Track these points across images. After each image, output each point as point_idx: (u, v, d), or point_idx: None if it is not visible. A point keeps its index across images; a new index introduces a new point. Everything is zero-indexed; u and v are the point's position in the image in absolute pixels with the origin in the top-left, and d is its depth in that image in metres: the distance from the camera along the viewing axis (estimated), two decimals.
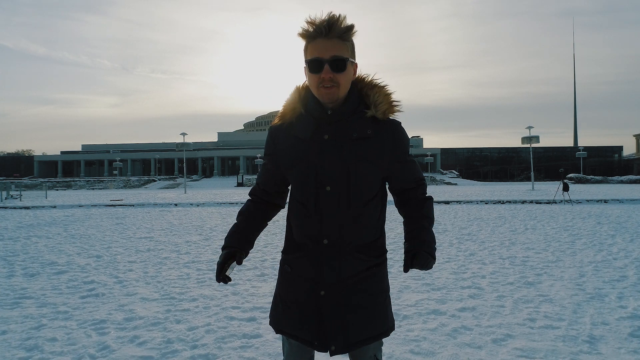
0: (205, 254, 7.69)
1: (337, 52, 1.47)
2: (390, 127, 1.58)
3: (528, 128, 35.37)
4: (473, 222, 12.55)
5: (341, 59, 1.47)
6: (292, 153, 1.59)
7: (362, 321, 1.58)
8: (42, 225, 13.07)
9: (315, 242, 1.56)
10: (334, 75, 1.47)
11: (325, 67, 1.46)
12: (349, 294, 1.57)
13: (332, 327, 1.56)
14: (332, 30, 1.46)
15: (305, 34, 1.50)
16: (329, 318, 1.56)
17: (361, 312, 1.58)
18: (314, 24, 1.47)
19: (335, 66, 1.46)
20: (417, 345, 3.45)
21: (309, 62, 1.48)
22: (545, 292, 4.94)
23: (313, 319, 1.57)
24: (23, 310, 4.46)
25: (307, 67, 1.50)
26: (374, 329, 1.59)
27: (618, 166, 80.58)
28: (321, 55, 1.46)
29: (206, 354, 3.34)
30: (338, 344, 1.56)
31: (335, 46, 1.46)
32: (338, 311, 1.56)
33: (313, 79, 1.50)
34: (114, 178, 65.46)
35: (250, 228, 1.72)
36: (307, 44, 1.51)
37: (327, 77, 1.47)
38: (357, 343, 1.57)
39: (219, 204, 21.67)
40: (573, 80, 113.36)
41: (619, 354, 3.25)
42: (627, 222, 11.88)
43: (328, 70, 1.46)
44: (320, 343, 1.57)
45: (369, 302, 1.59)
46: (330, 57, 1.46)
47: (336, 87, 1.49)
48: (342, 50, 1.48)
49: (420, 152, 79.78)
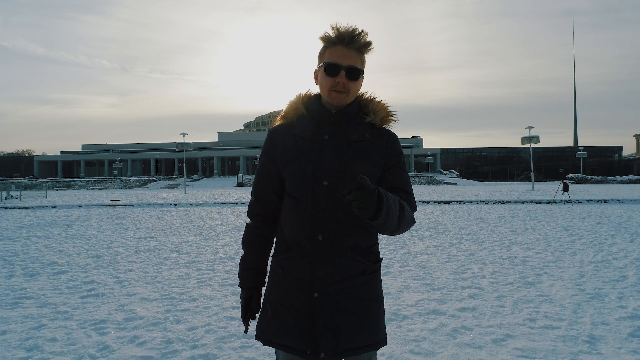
0: (205, 254, 7.69)
1: (354, 62, 1.55)
2: (386, 135, 1.65)
3: (528, 128, 35.38)
4: (473, 222, 12.56)
5: (357, 69, 1.56)
6: (291, 150, 1.61)
7: (353, 328, 1.55)
8: (42, 225, 13.07)
9: (309, 240, 1.55)
10: (347, 82, 1.55)
11: (341, 72, 1.54)
12: (343, 298, 1.55)
13: (322, 332, 1.53)
14: (353, 41, 1.55)
15: (326, 38, 1.58)
16: (320, 322, 1.53)
17: (353, 318, 1.55)
18: (338, 30, 1.55)
19: (351, 74, 1.55)
20: (417, 345, 3.45)
21: (328, 65, 1.56)
22: (545, 292, 4.94)
23: (305, 324, 1.54)
24: (23, 310, 4.46)
25: (324, 69, 1.57)
26: (364, 339, 1.56)
27: (618, 166, 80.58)
28: (339, 61, 1.54)
29: (206, 354, 3.34)
30: (327, 350, 1.52)
31: (353, 56, 1.55)
32: (330, 315, 1.53)
33: (327, 81, 1.57)
34: (114, 178, 65.47)
35: (260, 258, 1.74)
36: (327, 48, 1.59)
37: (342, 83, 1.55)
38: (346, 351, 1.54)
39: (219, 204, 21.68)
40: (573, 80, 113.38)
41: (619, 354, 3.25)
42: (627, 222, 11.88)
43: (343, 76, 1.54)
44: (312, 351, 1.53)
45: (362, 309, 1.57)
46: (347, 65, 1.54)
47: (346, 94, 1.57)
48: (358, 61, 1.57)
49: (420, 152, 79.79)
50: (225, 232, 10.82)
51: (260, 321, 1.67)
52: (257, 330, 1.67)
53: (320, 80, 1.62)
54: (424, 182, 59.96)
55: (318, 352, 1.52)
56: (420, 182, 59.38)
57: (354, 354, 1.57)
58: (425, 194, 29.11)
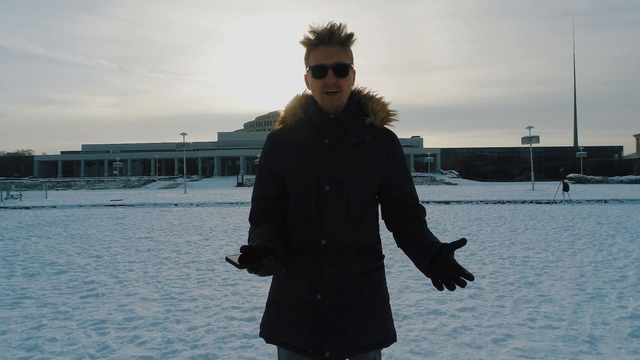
0: (205, 254, 7.69)
1: (340, 58, 1.53)
2: (386, 135, 1.64)
3: (528, 128, 35.38)
4: (473, 222, 12.56)
5: (344, 65, 1.53)
6: (293, 156, 1.59)
7: (362, 325, 1.54)
8: (42, 225, 13.07)
9: (315, 245, 1.55)
10: (337, 80, 1.52)
11: (329, 72, 1.51)
12: (348, 297, 1.54)
13: (329, 331, 1.52)
14: (333, 38, 1.52)
15: (307, 42, 1.55)
16: (326, 322, 1.52)
17: (360, 315, 1.55)
18: (316, 32, 1.52)
19: (339, 71, 1.52)
20: (417, 345, 3.45)
21: (313, 68, 1.53)
22: (545, 292, 4.94)
23: (309, 323, 1.53)
24: (23, 310, 4.46)
25: (311, 72, 1.55)
26: (374, 336, 1.56)
27: (618, 166, 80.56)
28: (324, 61, 1.52)
29: (206, 354, 3.34)
30: (334, 349, 1.51)
31: (337, 53, 1.53)
32: (336, 314, 1.53)
33: (316, 84, 1.54)
34: (114, 178, 65.47)
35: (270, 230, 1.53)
36: (310, 52, 1.56)
37: (331, 82, 1.52)
38: (356, 349, 1.53)
39: (219, 204, 21.68)
40: (573, 80, 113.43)
41: (619, 354, 3.25)
42: (627, 222, 11.88)
43: (332, 76, 1.52)
44: (315, 350, 1.52)
45: (368, 305, 1.57)
46: (333, 63, 1.51)
47: (339, 93, 1.54)
48: (343, 56, 1.54)
49: (420, 152, 79.77)
50: (225, 232, 10.82)
51: (264, 319, 1.66)
52: (261, 327, 1.67)
53: (310, 84, 1.59)
54: (424, 182, 59.96)
55: (323, 351, 1.52)
56: (420, 182, 59.36)
57: (364, 352, 1.55)
58: (425, 194, 29.10)
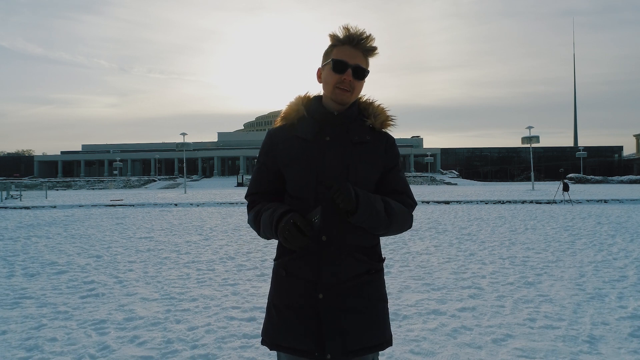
0: (205, 254, 7.69)
1: (361, 62, 1.61)
2: (384, 138, 1.70)
3: (528, 128, 35.38)
4: (473, 222, 12.56)
5: (363, 69, 1.61)
6: (293, 151, 1.61)
7: (360, 328, 1.55)
8: (42, 225, 13.07)
9: (314, 240, 1.55)
10: (353, 80, 1.59)
11: (348, 70, 1.58)
12: (348, 298, 1.55)
13: (329, 333, 1.52)
14: (361, 43, 1.60)
15: (335, 37, 1.62)
16: (326, 323, 1.53)
17: (359, 318, 1.55)
18: (348, 31, 1.60)
19: (357, 73, 1.60)
20: (417, 345, 3.45)
21: (336, 62, 1.59)
22: (545, 292, 4.94)
23: (311, 325, 1.54)
24: (23, 310, 4.46)
25: (332, 65, 1.60)
26: (371, 338, 1.57)
27: (618, 166, 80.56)
28: (348, 60, 1.59)
29: (206, 354, 3.34)
30: (335, 352, 1.52)
31: (359, 57, 1.61)
32: (336, 316, 1.53)
33: (333, 77, 1.59)
34: (114, 178, 65.46)
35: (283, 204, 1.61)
36: (334, 47, 1.62)
37: (348, 80, 1.59)
38: (354, 352, 1.54)
39: (219, 204, 21.68)
40: (573, 80, 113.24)
41: (619, 354, 3.25)
42: (627, 222, 11.88)
43: (350, 74, 1.58)
44: (320, 352, 1.52)
45: (368, 308, 1.57)
46: (354, 64, 1.59)
47: (350, 92, 1.60)
48: (364, 63, 1.63)
49: (420, 152, 79.74)
50: (225, 232, 10.82)
51: (265, 326, 1.65)
52: (262, 335, 1.66)
53: (325, 77, 1.64)
54: (424, 182, 59.93)
55: (325, 354, 1.52)
56: (420, 182, 59.35)
57: (361, 355, 1.56)
58: (425, 194, 29.11)
